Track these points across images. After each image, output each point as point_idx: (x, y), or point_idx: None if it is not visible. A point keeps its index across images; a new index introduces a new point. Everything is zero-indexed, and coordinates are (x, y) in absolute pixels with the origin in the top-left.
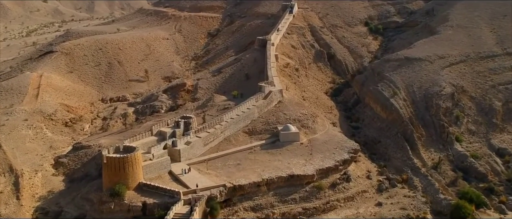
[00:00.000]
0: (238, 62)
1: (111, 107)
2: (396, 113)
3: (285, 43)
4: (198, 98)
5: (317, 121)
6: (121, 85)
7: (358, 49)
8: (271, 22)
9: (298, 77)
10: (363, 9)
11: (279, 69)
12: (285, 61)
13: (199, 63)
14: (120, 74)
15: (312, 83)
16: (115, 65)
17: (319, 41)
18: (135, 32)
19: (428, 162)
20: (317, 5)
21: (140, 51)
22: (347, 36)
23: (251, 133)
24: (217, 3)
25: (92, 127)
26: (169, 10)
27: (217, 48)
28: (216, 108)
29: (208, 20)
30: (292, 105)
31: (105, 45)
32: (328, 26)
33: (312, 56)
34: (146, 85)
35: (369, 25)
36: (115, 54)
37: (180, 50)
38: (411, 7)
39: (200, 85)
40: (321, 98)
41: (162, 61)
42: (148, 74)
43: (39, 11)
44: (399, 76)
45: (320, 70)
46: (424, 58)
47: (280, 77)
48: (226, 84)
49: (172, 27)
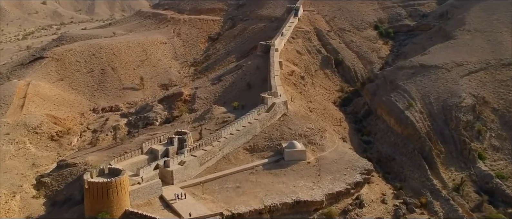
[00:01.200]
0: (239, 70)
1: (103, 119)
2: (412, 127)
3: (290, 48)
4: (195, 109)
5: (326, 136)
6: (114, 94)
7: (368, 54)
8: (275, 25)
9: (304, 86)
10: (373, 11)
11: (284, 78)
12: (290, 69)
13: (198, 70)
14: (114, 82)
15: (319, 92)
16: (109, 72)
17: (326, 46)
18: (131, 36)
19: (449, 183)
20: (323, 7)
21: (136, 56)
22: (356, 41)
23: (253, 150)
24: (219, 5)
25: (80, 140)
26: (168, 13)
27: (217, 54)
28: (214, 121)
29: (208, 23)
30: (298, 118)
31: (99, 50)
32: (335, 30)
33: (318, 63)
34: (141, 93)
35: (379, 28)
36: (109, 60)
37: (179, 55)
38: (423, 9)
39: (198, 95)
40: (329, 110)
41: (159, 68)
42: (144, 81)
43: (38, 13)
44: (414, 86)
45: (327, 77)
46: (440, 66)
47: (284, 87)
48: (226, 93)
49: (171, 30)
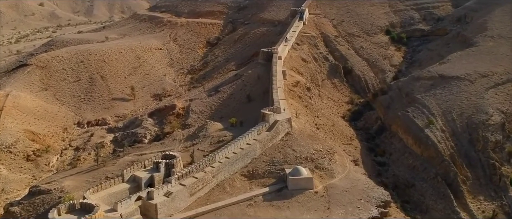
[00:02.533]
0: (238, 80)
1: (87, 134)
2: (434, 149)
3: (295, 56)
4: (189, 125)
5: (335, 159)
6: (102, 105)
7: (379, 62)
8: (278, 30)
9: (310, 99)
10: (384, 15)
11: (287, 90)
12: (295, 79)
13: (195, 78)
14: (102, 92)
15: (327, 105)
16: (98, 81)
17: (333, 52)
18: (124, 41)
19: (479, 216)
20: (330, 10)
21: (127, 63)
22: (366, 47)
23: (252, 177)
24: (218, 8)
25: (60, 160)
26: (165, 16)
27: (216, 60)
28: (209, 140)
29: (207, 27)
30: (304, 138)
31: (88, 57)
32: (343, 35)
33: (326, 71)
34: (131, 105)
35: (391, 33)
36: (98, 68)
37: (175, 62)
38: (438, 12)
39: (193, 108)
40: (338, 125)
41: (153, 76)
42: (135, 91)
43: (34, 15)
44: (434, 100)
45: (335, 88)
46: (462, 77)
47: (288, 100)
48: (223, 107)
49: (167, 35)
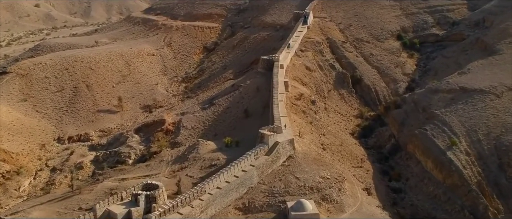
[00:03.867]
0: (235, 91)
1: (67, 152)
2: (458, 175)
3: (298, 64)
4: (179, 143)
5: (345, 188)
6: (86, 118)
7: (391, 70)
8: (280, 35)
9: (315, 114)
10: (395, 18)
11: (290, 104)
12: (298, 91)
13: (190, 87)
14: (87, 103)
15: (334, 120)
16: (82, 91)
17: (340, 60)
18: (114, 46)
19: None
20: (337, 13)
21: (116, 71)
22: (376, 54)
23: (247, 210)
24: (217, 10)
25: (33, 184)
26: (160, 19)
27: (212, 67)
28: (199, 164)
29: (204, 31)
30: (308, 162)
31: (73, 64)
32: (351, 40)
33: (332, 81)
34: (118, 117)
35: (403, 39)
36: (84, 76)
37: (168, 69)
38: (453, 16)
39: (184, 124)
40: (347, 144)
41: (143, 85)
42: (122, 102)
43: (29, 17)
44: (456, 116)
45: (343, 99)
46: (487, 90)
47: (290, 116)
48: (218, 123)
49: (161, 39)
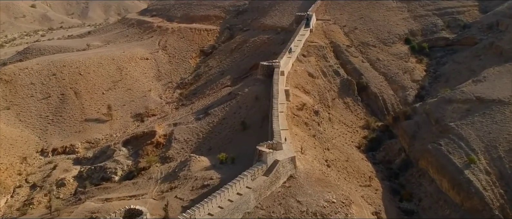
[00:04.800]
0: (232, 100)
1: (50, 166)
2: (478, 198)
3: (300, 70)
4: (170, 158)
5: (352, 213)
6: (72, 128)
7: (399, 77)
8: (280, 38)
9: (318, 126)
10: (402, 21)
11: (291, 115)
12: (300, 100)
13: (185, 94)
14: (74, 111)
15: (339, 132)
16: (70, 98)
17: (345, 65)
18: (106, 49)
19: None
20: (341, 16)
21: (107, 77)
22: (383, 59)
23: None
24: (215, 12)
25: (9, 203)
26: (155, 21)
27: (209, 73)
28: (191, 183)
29: (202, 33)
30: (311, 183)
31: (62, 69)
32: (356, 44)
33: (336, 88)
34: (107, 127)
35: (411, 43)
36: (72, 82)
37: (162, 74)
38: (464, 18)
39: (176, 136)
40: (353, 159)
41: (136, 91)
42: (112, 111)
43: (25, 17)
44: (473, 130)
45: (348, 108)
46: (507, 101)
47: (292, 129)
48: (213, 135)
49: (156, 42)
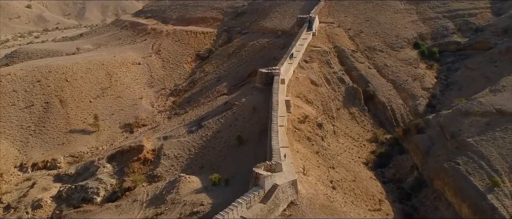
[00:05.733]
0: (228, 111)
1: (28, 183)
2: None
3: (302, 77)
4: (157, 177)
5: None
6: (55, 140)
7: (408, 84)
8: (281, 42)
9: (322, 140)
10: (411, 24)
11: (292, 129)
12: (302, 111)
13: (178, 102)
14: (59, 122)
15: (344, 147)
16: (55, 107)
17: (351, 72)
18: (96, 53)
19: None
20: (346, 18)
21: (96, 83)
22: (391, 65)
23: None
24: (212, 14)
25: None
26: (150, 23)
27: (205, 79)
28: (178, 209)
29: (198, 36)
30: (315, 211)
31: (47, 75)
32: (362, 49)
33: (341, 97)
34: (93, 139)
35: (420, 47)
36: (58, 89)
37: (155, 80)
38: (476, 21)
39: (166, 151)
40: (361, 179)
41: (126, 99)
42: (99, 121)
43: (20, 18)
44: (494, 147)
45: (354, 119)
46: None
47: (293, 145)
48: (206, 151)
49: (149, 46)
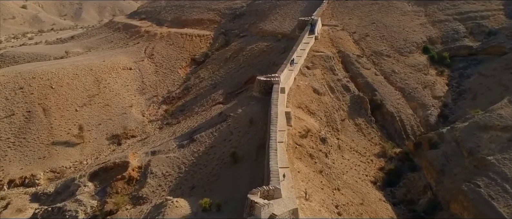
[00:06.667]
0: (223, 123)
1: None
2: None
3: (304, 85)
4: (143, 199)
5: None
6: (36, 154)
7: (418, 92)
8: (281, 46)
9: (326, 157)
10: (419, 27)
11: (293, 145)
12: (303, 124)
13: (171, 111)
14: (41, 132)
15: (350, 163)
16: (37, 116)
17: (356, 79)
18: (84, 58)
19: None
20: (350, 21)
21: (83, 90)
22: (399, 71)
23: None
24: (209, 16)
25: None
26: (144, 25)
27: (200, 86)
28: None
29: (193, 40)
30: None
31: (31, 81)
32: (368, 54)
33: (346, 107)
34: (77, 152)
35: (430, 52)
36: (42, 97)
37: (147, 86)
38: (489, 24)
39: (153, 169)
40: (370, 201)
41: (114, 107)
42: (84, 132)
43: (15, 19)
44: None
45: (360, 131)
46: None
47: (294, 164)
48: (197, 169)
49: (142, 49)
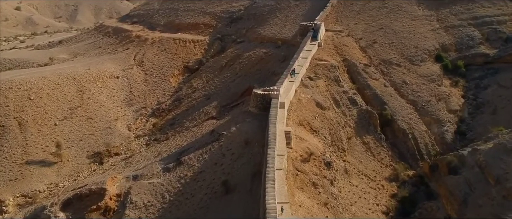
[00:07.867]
0: (214, 143)
1: None
2: None
3: (305, 99)
4: None
5: None
6: (8, 175)
7: (432, 106)
8: (281, 54)
9: (331, 185)
10: (431, 33)
11: (293, 171)
12: (305, 146)
13: (160, 125)
14: (15, 150)
15: (359, 191)
16: (12, 132)
17: (363, 91)
18: (68, 65)
19: None
20: (356, 26)
21: (64, 101)
22: (411, 82)
23: None
24: (204, 19)
25: None
26: (135, 29)
27: (193, 97)
28: None
29: (187, 45)
30: None
31: (7, 92)
32: (376, 63)
33: (353, 123)
34: (54, 173)
35: (443, 60)
36: (18, 109)
37: (135, 97)
38: (506, 29)
39: (133, 198)
40: None
41: (98, 121)
42: (62, 150)
43: (8, 21)
44: None
45: (369, 151)
46: None
47: (295, 196)
48: (182, 199)
49: (131, 56)
